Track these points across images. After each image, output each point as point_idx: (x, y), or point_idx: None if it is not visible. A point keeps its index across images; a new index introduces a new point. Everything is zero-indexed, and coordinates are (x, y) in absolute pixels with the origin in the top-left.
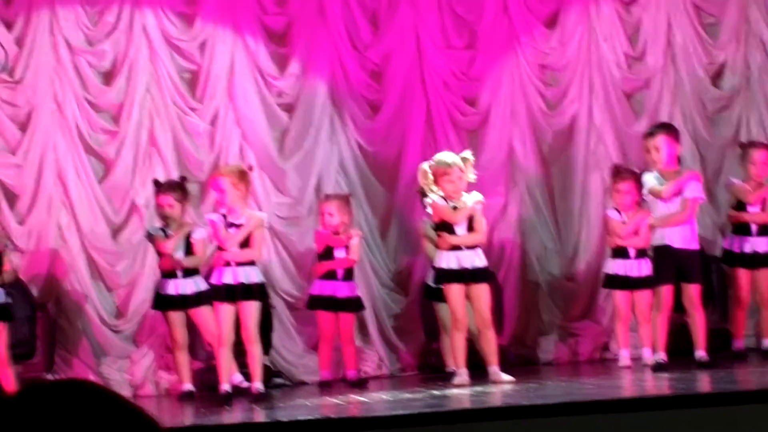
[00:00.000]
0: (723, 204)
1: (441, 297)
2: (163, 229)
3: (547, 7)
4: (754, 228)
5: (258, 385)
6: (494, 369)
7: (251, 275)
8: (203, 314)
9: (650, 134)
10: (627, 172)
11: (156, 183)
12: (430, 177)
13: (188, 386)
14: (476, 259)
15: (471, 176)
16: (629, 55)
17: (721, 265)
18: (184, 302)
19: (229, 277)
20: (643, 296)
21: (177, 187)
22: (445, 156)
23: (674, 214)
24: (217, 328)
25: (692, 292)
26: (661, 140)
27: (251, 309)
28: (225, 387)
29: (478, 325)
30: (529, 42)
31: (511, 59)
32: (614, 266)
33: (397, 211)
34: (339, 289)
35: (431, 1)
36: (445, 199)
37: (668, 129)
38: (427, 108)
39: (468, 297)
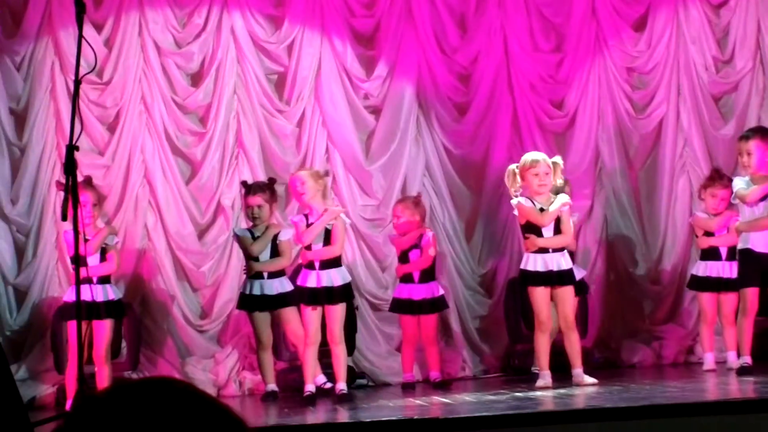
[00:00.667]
0: None
1: None
2: (249, 230)
3: (635, 10)
4: None
5: (341, 385)
6: (578, 371)
7: (335, 278)
8: (288, 315)
9: (744, 138)
10: (726, 179)
11: (245, 184)
12: (518, 180)
13: (272, 386)
14: (562, 261)
15: (559, 181)
16: (718, 59)
17: None
18: (269, 303)
19: (313, 280)
20: (729, 299)
21: (266, 188)
22: (533, 154)
23: (759, 218)
24: (303, 330)
25: None
26: (754, 144)
27: (336, 312)
28: (309, 387)
29: (561, 327)
30: (616, 45)
31: (598, 62)
32: (703, 268)
33: (482, 214)
34: (416, 292)
35: (519, 4)
36: (532, 201)
37: (763, 133)
38: (513, 111)
39: (553, 299)
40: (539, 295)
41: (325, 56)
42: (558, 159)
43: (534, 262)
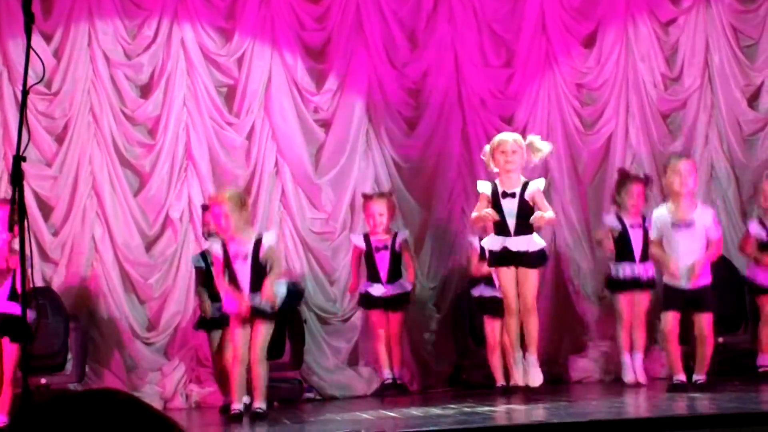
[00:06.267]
0: None
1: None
2: (205, 258)
3: (585, 27)
4: None
5: (260, 404)
6: (531, 358)
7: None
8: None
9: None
10: (636, 177)
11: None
12: (491, 164)
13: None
14: (522, 244)
15: (535, 159)
16: (666, 76)
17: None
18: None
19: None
20: (644, 298)
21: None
22: (503, 134)
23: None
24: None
25: (703, 321)
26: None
27: (264, 329)
28: (237, 406)
29: (521, 308)
30: (566, 61)
31: (548, 78)
32: (621, 270)
33: (431, 228)
34: (386, 290)
35: (470, 19)
36: (495, 185)
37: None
38: (463, 126)
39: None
40: (503, 275)
41: (275, 69)
42: (533, 138)
43: (493, 243)
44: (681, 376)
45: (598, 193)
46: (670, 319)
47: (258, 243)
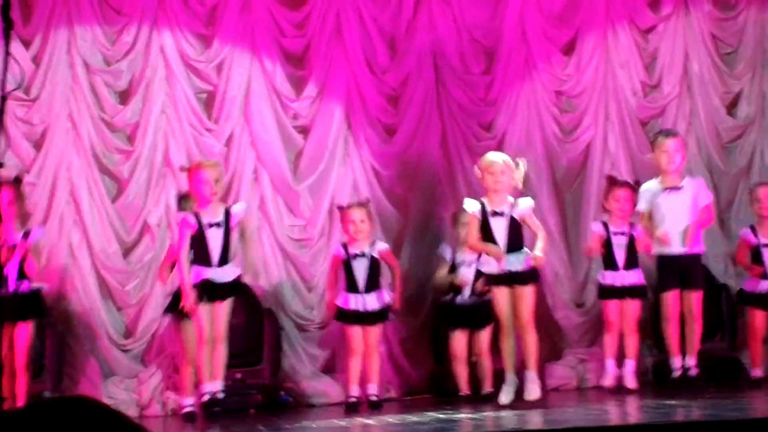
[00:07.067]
0: (735, 234)
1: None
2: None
3: (565, 34)
4: None
5: (218, 385)
6: (530, 374)
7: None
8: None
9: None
10: (624, 182)
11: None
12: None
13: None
14: (517, 262)
15: (519, 183)
16: (645, 83)
17: (730, 293)
18: None
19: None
20: (633, 307)
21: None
22: (491, 154)
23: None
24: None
25: (693, 299)
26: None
27: (226, 307)
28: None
29: (517, 326)
30: (545, 68)
31: (527, 85)
32: (605, 278)
33: (409, 235)
34: (365, 302)
35: (450, 26)
36: (484, 206)
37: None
38: (442, 133)
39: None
40: (498, 295)
41: (254, 76)
42: (523, 162)
43: (490, 265)
44: (677, 360)
45: (577, 201)
46: (669, 300)
47: (228, 213)
